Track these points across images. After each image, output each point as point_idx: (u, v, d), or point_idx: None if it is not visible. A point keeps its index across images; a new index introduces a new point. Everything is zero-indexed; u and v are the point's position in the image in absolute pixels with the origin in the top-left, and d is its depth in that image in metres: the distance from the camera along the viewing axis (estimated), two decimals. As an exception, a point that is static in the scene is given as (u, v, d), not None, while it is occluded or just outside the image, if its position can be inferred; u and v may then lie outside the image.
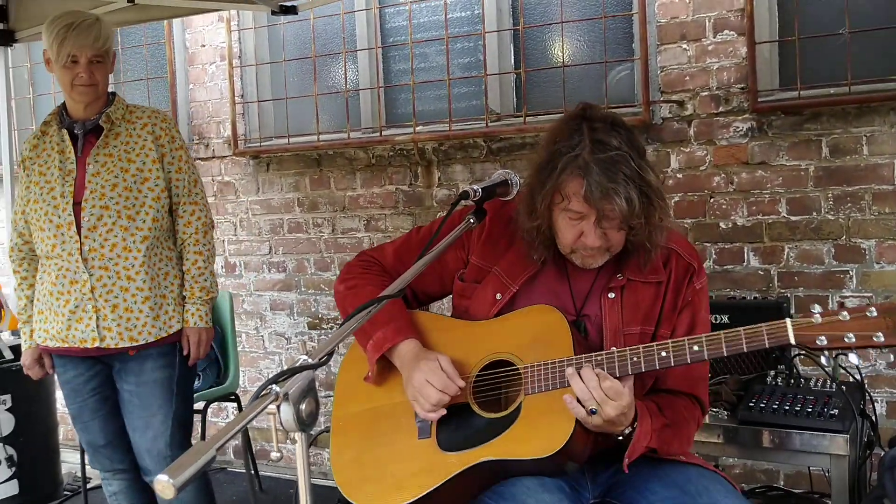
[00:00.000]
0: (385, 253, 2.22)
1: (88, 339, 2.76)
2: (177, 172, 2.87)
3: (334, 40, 4.35)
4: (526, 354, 1.90)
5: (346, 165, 4.28)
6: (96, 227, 2.73)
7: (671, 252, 2.00)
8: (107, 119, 2.80)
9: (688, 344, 1.75)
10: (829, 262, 3.36)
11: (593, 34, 3.81)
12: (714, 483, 1.88)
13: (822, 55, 3.35)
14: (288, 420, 1.25)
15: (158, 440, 2.80)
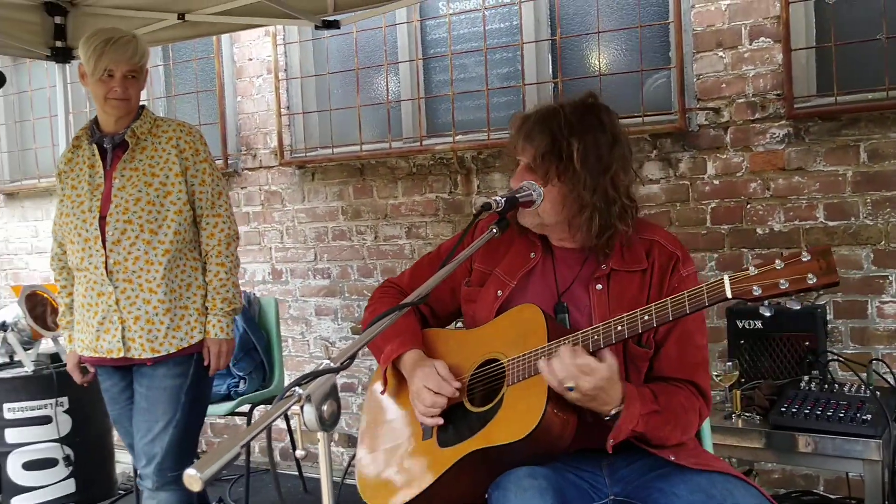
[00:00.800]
0: (403, 278, 2.39)
1: (115, 349, 2.83)
2: (200, 185, 2.89)
3: (377, 52, 4.46)
4: (509, 350, 2.00)
5: (387, 174, 4.38)
6: (120, 240, 2.78)
7: (653, 242, 2.09)
8: (132, 134, 2.84)
9: (640, 315, 1.82)
10: (867, 267, 3.35)
11: (630, 43, 3.85)
12: (739, 488, 1.89)
13: (859, 61, 3.35)
14: (310, 420, 1.33)
15: (155, 445, 2.83)
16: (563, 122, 1.97)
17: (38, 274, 5.73)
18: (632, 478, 2.04)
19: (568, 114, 1.98)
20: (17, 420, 4.29)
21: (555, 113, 1.99)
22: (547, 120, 1.99)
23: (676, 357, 2.03)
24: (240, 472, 4.61)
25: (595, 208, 1.97)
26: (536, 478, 1.85)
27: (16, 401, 4.29)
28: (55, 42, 4.32)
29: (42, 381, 4.29)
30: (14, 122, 5.85)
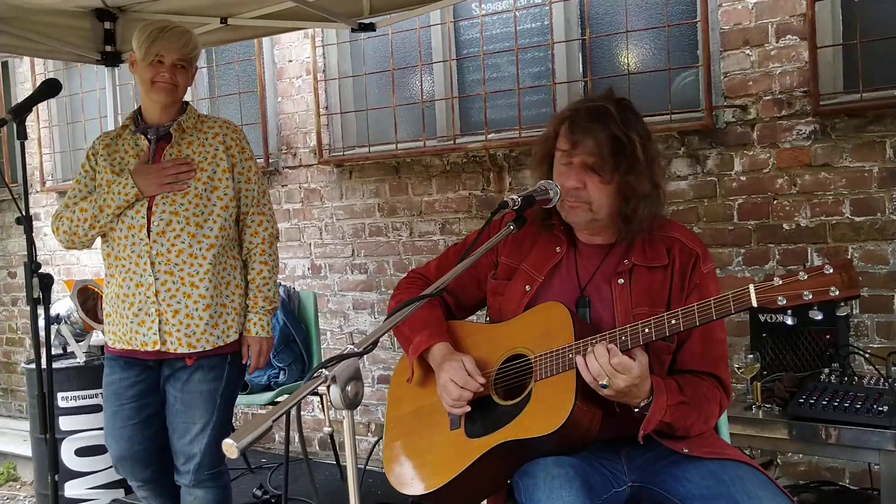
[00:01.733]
0: (429, 268, 2.46)
1: (150, 342, 2.80)
2: (246, 182, 2.92)
3: (411, 53, 4.58)
4: (536, 346, 2.09)
5: (422, 172, 4.51)
6: (164, 231, 2.78)
7: (674, 240, 2.16)
8: (178, 127, 2.87)
9: (667, 318, 1.91)
10: (893, 262, 3.38)
11: (658, 42, 3.92)
12: (748, 474, 1.97)
13: (885, 57, 3.37)
14: (336, 400, 1.44)
15: (194, 445, 2.85)
16: (618, 119, 2.04)
17: (90, 269, 5.96)
18: (648, 465, 2.13)
19: (616, 111, 2.05)
20: (70, 408, 4.49)
21: (605, 110, 2.05)
22: (600, 117, 2.05)
23: (700, 352, 2.11)
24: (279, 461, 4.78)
25: (648, 198, 2.07)
26: (563, 466, 1.94)
27: (69, 390, 4.48)
28: (105, 46, 4.50)
29: (93, 372, 4.47)
30: (66, 124, 6.09)
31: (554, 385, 2.02)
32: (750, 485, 1.95)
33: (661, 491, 2.07)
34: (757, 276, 3.63)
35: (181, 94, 2.90)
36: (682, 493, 2.02)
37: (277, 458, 4.95)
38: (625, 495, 2.12)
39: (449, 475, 2.11)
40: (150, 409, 2.92)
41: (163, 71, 2.80)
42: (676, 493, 2.03)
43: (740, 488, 1.94)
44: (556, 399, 1.99)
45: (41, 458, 4.58)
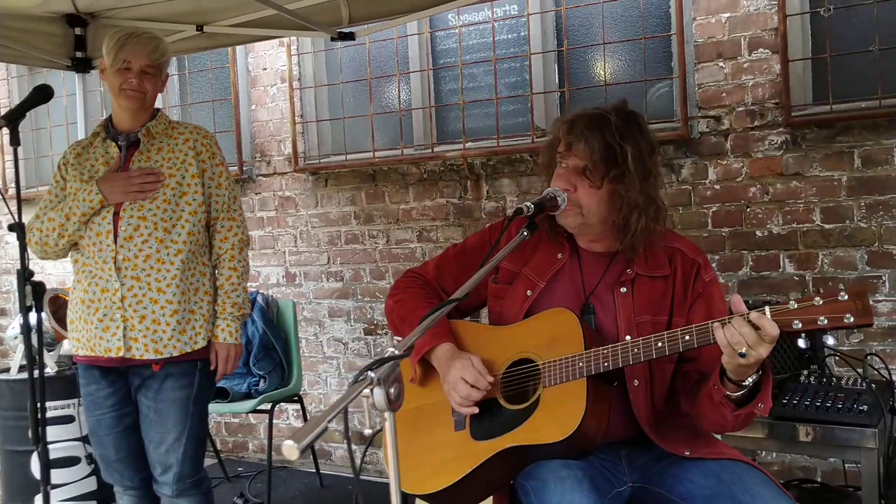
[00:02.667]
0: (427, 268, 2.50)
1: (114, 348, 2.77)
2: (217, 188, 2.90)
3: (388, 63, 4.62)
4: (544, 352, 2.13)
5: (399, 180, 4.54)
6: (132, 237, 2.76)
7: (675, 251, 2.22)
8: (146, 133, 2.85)
9: (680, 334, 1.94)
10: (862, 267, 3.52)
11: (633, 54, 4.02)
12: (748, 473, 2.03)
13: (853, 71, 3.51)
14: (380, 401, 1.46)
15: (170, 455, 2.84)
16: (615, 127, 2.10)
17: (54, 278, 5.86)
18: (648, 466, 2.18)
19: (615, 120, 2.11)
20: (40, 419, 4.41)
21: (605, 119, 2.11)
22: (598, 124, 2.11)
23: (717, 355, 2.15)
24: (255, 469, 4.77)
25: (640, 209, 2.10)
26: (571, 468, 1.98)
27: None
28: (76, 52, 4.45)
29: (65, 382, 4.40)
30: (31, 130, 5.98)
31: (563, 392, 2.06)
32: (751, 483, 2.01)
33: (662, 491, 2.12)
34: (731, 282, 3.74)
35: (151, 101, 2.88)
36: (684, 493, 2.07)
37: (253, 465, 4.93)
38: (626, 495, 2.17)
39: (455, 476, 2.14)
40: (129, 417, 2.92)
41: (130, 77, 2.79)
42: (678, 493, 2.08)
43: (741, 487, 2.00)
44: (566, 407, 2.03)
45: (12, 474, 4.49)
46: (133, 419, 2.90)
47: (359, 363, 4.76)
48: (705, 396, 2.03)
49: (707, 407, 2.04)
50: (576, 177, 2.13)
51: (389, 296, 2.47)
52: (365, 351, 4.73)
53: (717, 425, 2.08)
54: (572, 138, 2.12)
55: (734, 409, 1.98)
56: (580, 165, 2.12)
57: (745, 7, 3.64)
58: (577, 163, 2.12)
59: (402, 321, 2.37)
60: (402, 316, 2.37)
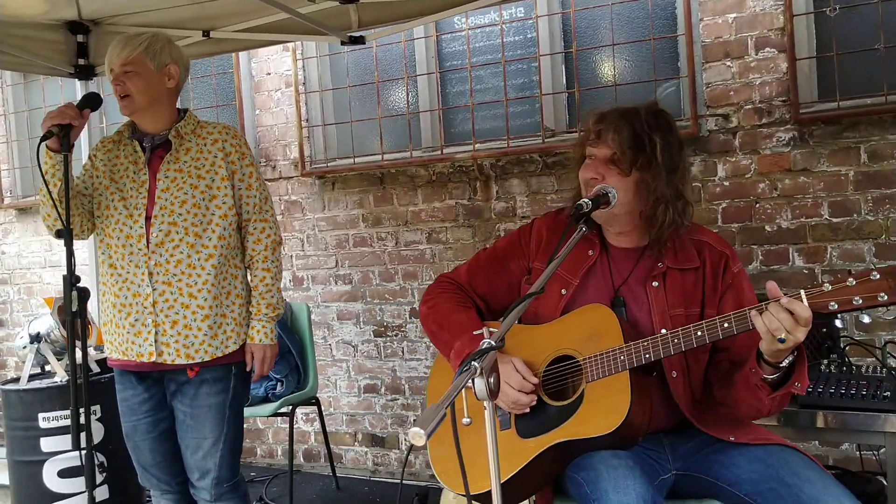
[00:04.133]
0: (459, 273, 2.55)
1: (146, 353, 2.76)
2: (247, 189, 2.86)
3: (393, 66, 4.66)
4: (584, 348, 2.18)
5: (407, 182, 4.58)
6: (164, 242, 2.74)
7: (703, 243, 2.29)
8: (176, 134, 2.80)
9: (719, 322, 2.01)
10: (869, 259, 3.61)
11: (640, 54, 4.09)
12: (793, 456, 2.10)
13: (858, 69, 3.61)
14: (481, 390, 1.50)
15: (208, 460, 2.84)
16: (644, 118, 2.17)
17: (52, 287, 5.83)
18: (691, 454, 2.24)
19: (645, 113, 2.19)
20: (52, 429, 4.38)
21: (634, 111, 2.20)
22: (628, 116, 2.19)
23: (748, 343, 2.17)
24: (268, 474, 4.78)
25: (668, 201, 2.17)
26: (620, 457, 2.04)
27: (50, 410, 4.38)
28: (78, 60, 4.45)
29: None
30: (27, 139, 5.95)
31: (607, 386, 2.11)
32: (798, 466, 2.07)
33: (708, 477, 2.18)
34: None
35: (141, 102, 2.78)
36: (731, 479, 2.12)
37: (264, 470, 4.94)
38: (670, 482, 2.23)
39: (505, 474, 2.18)
40: (164, 423, 2.92)
41: (114, 83, 2.75)
42: (724, 479, 2.14)
43: (789, 470, 2.05)
44: (612, 400, 2.09)
45: (20, 484, 4.46)
46: (169, 424, 2.90)
47: (369, 366, 4.79)
48: (741, 381, 2.09)
49: (743, 391, 2.10)
50: (604, 166, 2.20)
51: (423, 302, 2.52)
52: (375, 353, 4.76)
53: (754, 409, 2.13)
54: (601, 127, 2.20)
55: (770, 392, 2.05)
56: (608, 154, 2.19)
57: (752, 7, 3.73)
58: (606, 151, 2.20)
59: (440, 327, 2.40)
60: (439, 321, 2.41)
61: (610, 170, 2.20)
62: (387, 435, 4.79)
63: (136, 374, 2.87)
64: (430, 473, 4.68)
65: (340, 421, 4.88)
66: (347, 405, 4.86)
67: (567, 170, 4.14)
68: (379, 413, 4.79)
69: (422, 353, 4.63)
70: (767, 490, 2.04)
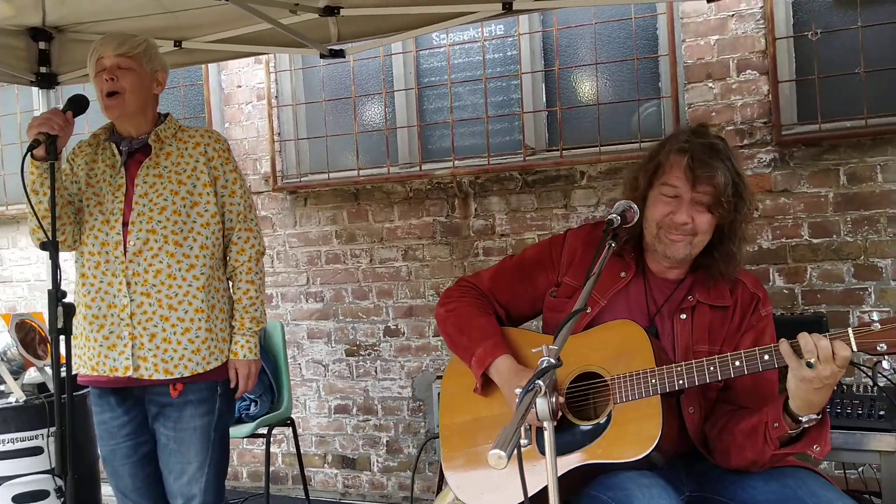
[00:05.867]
0: (481, 279, 2.47)
1: (121, 367, 2.61)
2: (230, 196, 2.73)
3: (370, 81, 4.60)
4: (612, 366, 2.12)
5: (383, 199, 4.51)
6: (142, 251, 2.60)
7: (738, 282, 2.24)
8: (156, 138, 2.66)
9: (759, 353, 1.96)
10: (849, 280, 3.67)
11: (620, 74, 4.11)
12: (810, 476, 2.07)
13: (837, 92, 3.67)
14: (543, 410, 1.44)
15: (193, 485, 2.69)
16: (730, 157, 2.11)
17: (3, 304, 5.59)
18: (706, 474, 2.20)
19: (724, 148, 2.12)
20: (8, 452, 4.18)
21: (719, 148, 2.11)
22: (717, 156, 2.09)
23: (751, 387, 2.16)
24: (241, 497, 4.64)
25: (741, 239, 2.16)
26: (648, 476, 1.99)
27: (6, 432, 4.18)
28: (39, 68, 4.29)
29: (33, 412, 4.20)
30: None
31: (637, 410, 2.05)
32: (815, 487, 2.05)
33: (724, 499, 2.14)
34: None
35: (131, 102, 2.64)
36: (747, 499, 2.09)
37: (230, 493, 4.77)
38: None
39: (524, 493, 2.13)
40: (145, 446, 2.76)
41: (105, 76, 2.60)
42: (740, 500, 2.10)
43: (807, 491, 2.03)
44: (642, 425, 2.03)
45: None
46: (150, 447, 2.75)
47: (340, 385, 4.68)
48: (748, 430, 2.05)
49: (743, 441, 2.06)
50: (694, 208, 2.11)
51: (441, 304, 2.44)
52: (346, 373, 4.66)
53: (748, 462, 2.08)
54: (699, 172, 2.08)
55: (777, 448, 2.01)
56: (704, 199, 2.10)
57: (733, 30, 3.78)
58: (701, 197, 2.10)
59: (460, 331, 2.34)
60: (459, 325, 2.35)
61: (702, 214, 2.12)
62: (358, 456, 4.68)
63: (116, 395, 2.72)
64: (402, 495, 4.59)
65: (310, 442, 4.76)
66: (317, 426, 4.73)
67: (547, 188, 4.13)
68: (350, 434, 4.69)
69: (395, 372, 4.54)
70: None
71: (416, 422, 4.51)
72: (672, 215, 2.12)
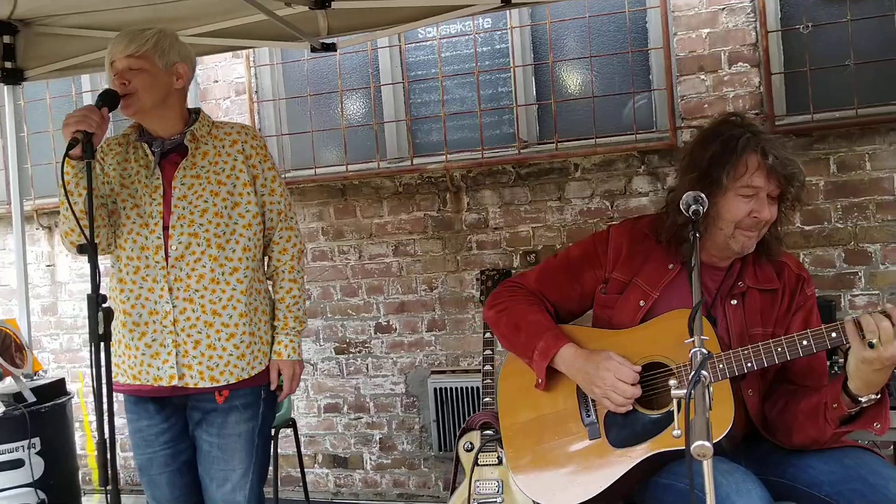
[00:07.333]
0: (528, 279, 2.48)
1: (165, 376, 2.54)
2: (270, 195, 2.64)
3: (354, 75, 4.54)
4: (676, 355, 2.15)
5: (371, 194, 4.46)
6: (184, 255, 2.51)
7: (783, 265, 2.31)
8: (192, 137, 2.57)
9: (826, 331, 2.01)
10: (840, 265, 3.80)
11: (611, 67, 4.15)
12: (867, 455, 2.14)
13: (826, 84, 3.78)
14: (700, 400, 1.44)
15: (237, 493, 2.60)
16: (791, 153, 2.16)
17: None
18: (764, 457, 2.25)
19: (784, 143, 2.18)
20: (-13, 465, 4.00)
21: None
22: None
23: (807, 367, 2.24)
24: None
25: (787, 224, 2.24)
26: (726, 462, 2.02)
27: (-17, 445, 4.00)
28: (4, 63, 4.11)
29: (14, 423, 4.02)
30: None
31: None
32: (875, 465, 2.11)
33: (784, 480, 2.19)
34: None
35: (146, 101, 2.51)
36: (808, 481, 2.14)
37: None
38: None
39: (601, 485, 2.14)
40: (184, 455, 2.66)
41: (116, 81, 2.49)
42: (801, 481, 2.16)
43: (868, 469, 2.09)
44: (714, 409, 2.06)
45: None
46: (189, 455, 2.65)
47: (330, 384, 4.62)
48: (809, 409, 2.11)
49: (804, 421, 2.12)
50: (767, 202, 2.16)
51: (489, 306, 2.44)
52: (336, 371, 4.59)
53: (810, 440, 2.14)
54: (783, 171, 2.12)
55: (838, 426, 2.07)
56: (776, 192, 2.15)
57: (724, 23, 3.86)
58: (775, 191, 2.15)
59: (517, 328, 2.34)
60: (516, 323, 2.35)
61: (773, 206, 2.18)
62: (350, 455, 4.63)
63: (155, 402, 2.62)
64: (397, 493, 4.56)
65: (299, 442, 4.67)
66: (306, 426, 4.66)
67: (541, 181, 4.15)
68: (341, 433, 4.63)
69: (388, 369, 4.50)
70: (849, 490, 2.06)
71: (410, 418, 4.49)
72: (755, 213, 2.15)
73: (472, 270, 4.28)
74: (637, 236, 2.37)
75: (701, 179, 2.15)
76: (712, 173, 2.15)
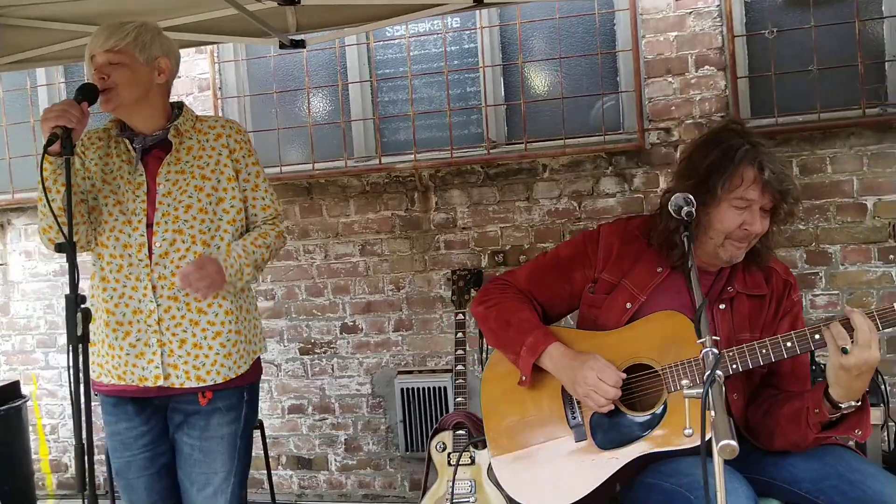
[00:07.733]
0: (517, 277, 2.48)
1: (150, 376, 2.47)
2: (253, 190, 2.58)
3: (320, 72, 4.50)
4: (661, 356, 2.17)
5: (338, 193, 4.42)
6: (168, 253, 2.45)
7: (772, 270, 2.34)
8: (175, 132, 2.51)
9: (809, 333, 2.05)
10: (801, 265, 3.88)
11: (579, 69, 4.18)
12: (847, 453, 2.18)
13: (790, 88, 3.87)
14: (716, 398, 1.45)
15: (218, 497, 2.55)
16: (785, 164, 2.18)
17: None
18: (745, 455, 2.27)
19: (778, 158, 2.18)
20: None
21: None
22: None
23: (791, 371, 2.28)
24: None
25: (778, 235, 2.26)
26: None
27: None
28: (-42, 56, 3.98)
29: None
30: None
31: None
32: (854, 462, 2.15)
33: (765, 478, 2.22)
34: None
35: (126, 97, 2.45)
36: (789, 478, 2.18)
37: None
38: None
39: (591, 485, 2.15)
40: (163, 458, 2.60)
41: (96, 75, 2.43)
42: (782, 478, 2.20)
43: (847, 466, 2.13)
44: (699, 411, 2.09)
45: None
46: (168, 458, 2.59)
47: (294, 385, 4.56)
48: (791, 414, 2.15)
49: (786, 426, 2.16)
50: (760, 214, 2.17)
51: (479, 302, 2.43)
52: (301, 372, 4.54)
53: (792, 444, 2.18)
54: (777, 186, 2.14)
55: (819, 432, 2.11)
56: (769, 206, 2.17)
57: (692, 27, 3.91)
58: (768, 204, 2.17)
59: (506, 324, 2.34)
60: (505, 319, 2.34)
61: (764, 219, 2.19)
62: (314, 456, 4.58)
63: (135, 404, 2.55)
64: (362, 493, 4.53)
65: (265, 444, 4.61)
66: (269, 427, 4.59)
67: (510, 181, 4.16)
68: (306, 434, 4.58)
69: (353, 369, 4.47)
70: (829, 487, 2.11)
71: (376, 418, 4.46)
72: (747, 226, 2.17)
73: (440, 270, 4.28)
74: (628, 237, 2.38)
75: (696, 187, 2.16)
76: (708, 182, 2.16)
